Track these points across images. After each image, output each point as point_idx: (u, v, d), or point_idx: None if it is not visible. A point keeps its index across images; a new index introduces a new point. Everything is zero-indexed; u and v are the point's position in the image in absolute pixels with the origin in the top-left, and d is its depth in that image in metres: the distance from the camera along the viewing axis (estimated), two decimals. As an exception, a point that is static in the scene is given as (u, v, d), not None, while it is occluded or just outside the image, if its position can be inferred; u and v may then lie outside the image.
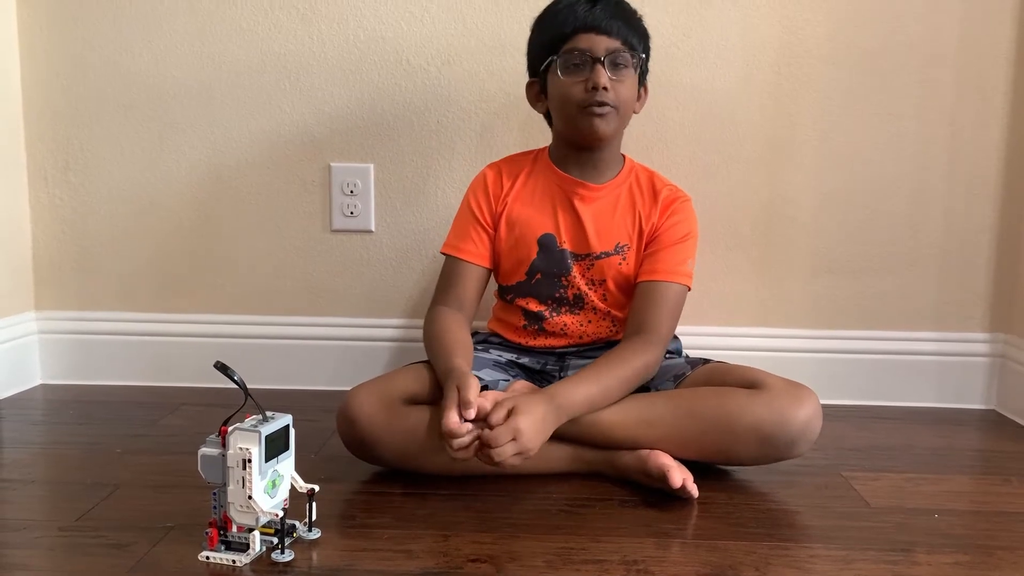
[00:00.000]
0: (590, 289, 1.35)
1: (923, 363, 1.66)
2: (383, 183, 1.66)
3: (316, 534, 1.00)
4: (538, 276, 1.35)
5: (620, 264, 1.33)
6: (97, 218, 1.68)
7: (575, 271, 1.34)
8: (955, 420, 1.59)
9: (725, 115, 1.61)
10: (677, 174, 1.53)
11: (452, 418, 1.06)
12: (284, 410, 0.98)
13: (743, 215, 1.64)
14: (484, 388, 1.24)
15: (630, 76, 1.28)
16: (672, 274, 1.30)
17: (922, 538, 1.05)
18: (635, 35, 1.28)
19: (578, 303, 1.35)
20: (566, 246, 1.34)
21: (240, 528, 0.95)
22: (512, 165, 1.40)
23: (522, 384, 1.27)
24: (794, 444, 1.16)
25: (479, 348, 1.37)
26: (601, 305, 1.35)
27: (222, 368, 0.92)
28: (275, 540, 0.95)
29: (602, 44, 1.25)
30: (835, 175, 1.63)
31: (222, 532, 0.95)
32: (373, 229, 1.67)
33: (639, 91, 1.34)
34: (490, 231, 1.36)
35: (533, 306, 1.36)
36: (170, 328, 1.70)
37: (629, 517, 1.09)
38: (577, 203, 1.34)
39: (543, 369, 1.37)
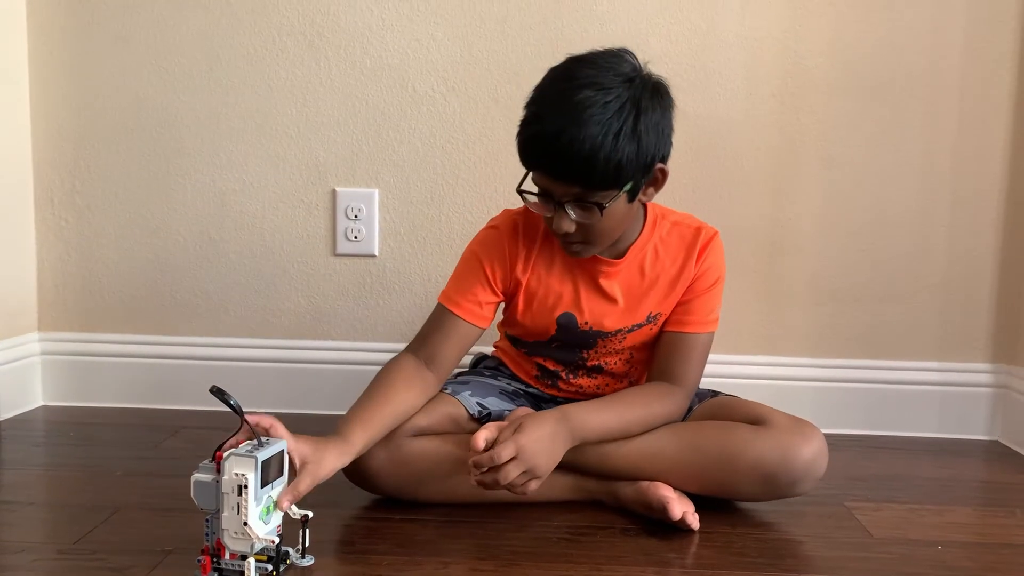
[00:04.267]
0: (615, 356, 1.27)
1: (926, 393, 1.66)
2: (387, 208, 1.67)
3: (309, 561, 0.99)
4: (557, 343, 1.27)
5: (651, 330, 1.25)
6: (102, 241, 1.69)
7: (599, 345, 1.26)
8: (958, 451, 1.58)
9: (728, 144, 1.62)
10: (679, 204, 1.52)
11: (283, 502, 0.96)
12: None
13: (746, 243, 1.64)
14: (487, 417, 1.24)
15: (609, 206, 1.08)
16: (703, 324, 1.23)
17: (925, 570, 1.04)
18: (606, 174, 1.05)
19: (597, 369, 1.29)
20: (589, 326, 1.24)
21: (233, 555, 0.93)
22: (529, 224, 1.23)
23: (524, 411, 1.25)
24: (796, 483, 1.14)
25: (487, 374, 1.35)
26: (622, 369, 1.29)
27: (218, 392, 0.91)
28: (269, 567, 0.94)
29: (560, 189, 1.08)
30: (838, 204, 1.63)
31: (215, 560, 0.93)
32: (377, 254, 1.68)
33: (647, 183, 1.13)
34: (498, 296, 1.23)
35: (551, 365, 1.30)
36: (172, 351, 1.70)
37: (631, 546, 1.08)
38: (602, 281, 1.22)
39: (552, 400, 1.33)
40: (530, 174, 1.12)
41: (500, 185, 1.65)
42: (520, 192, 1.12)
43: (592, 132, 1.03)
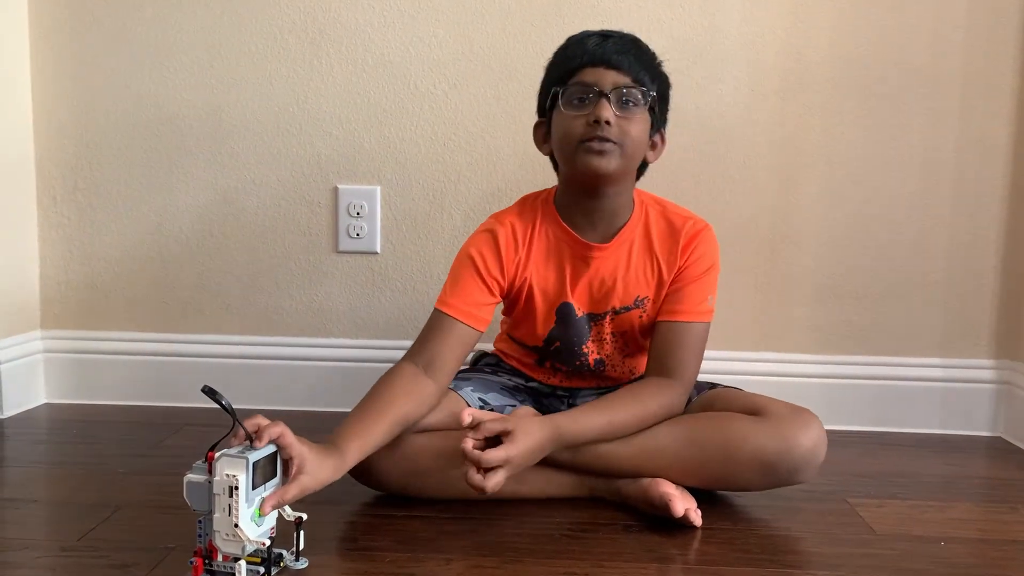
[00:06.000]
0: (610, 347, 1.30)
1: (929, 389, 1.65)
2: (389, 205, 1.67)
3: (303, 564, 0.98)
4: (556, 344, 1.30)
5: (640, 317, 1.27)
6: (104, 238, 1.69)
7: (592, 333, 1.29)
8: (961, 447, 1.58)
9: (730, 141, 1.62)
10: (682, 199, 1.52)
11: (266, 507, 0.94)
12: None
13: (748, 239, 1.64)
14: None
15: (639, 115, 1.18)
16: (695, 313, 1.24)
17: (928, 566, 1.04)
18: (648, 73, 1.20)
19: (599, 368, 1.31)
20: (583, 312, 1.27)
21: (226, 557, 0.92)
22: (523, 222, 1.27)
23: (526, 410, 1.25)
24: (797, 471, 1.15)
25: (487, 370, 1.36)
26: (620, 364, 1.32)
27: (210, 392, 0.90)
28: (261, 570, 0.93)
29: (609, 78, 1.16)
30: (840, 201, 1.63)
31: (207, 561, 0.92)
32: (379, 251, 1.68)
33: (654, 139, 1.25)
34: (495, 298, 1.25)
35: (553, 365, 1.34)
36: (175, 348, 1.70)
37: (633, 542, 1.08)
38: (592, 264, 1.25)
39: (553, 393, 1.35)
40: (559, 94, 1.20)
41: (502, 182, 1.65)
42: (558, 94, 1.20)
43: (646, 45, 1.23)
